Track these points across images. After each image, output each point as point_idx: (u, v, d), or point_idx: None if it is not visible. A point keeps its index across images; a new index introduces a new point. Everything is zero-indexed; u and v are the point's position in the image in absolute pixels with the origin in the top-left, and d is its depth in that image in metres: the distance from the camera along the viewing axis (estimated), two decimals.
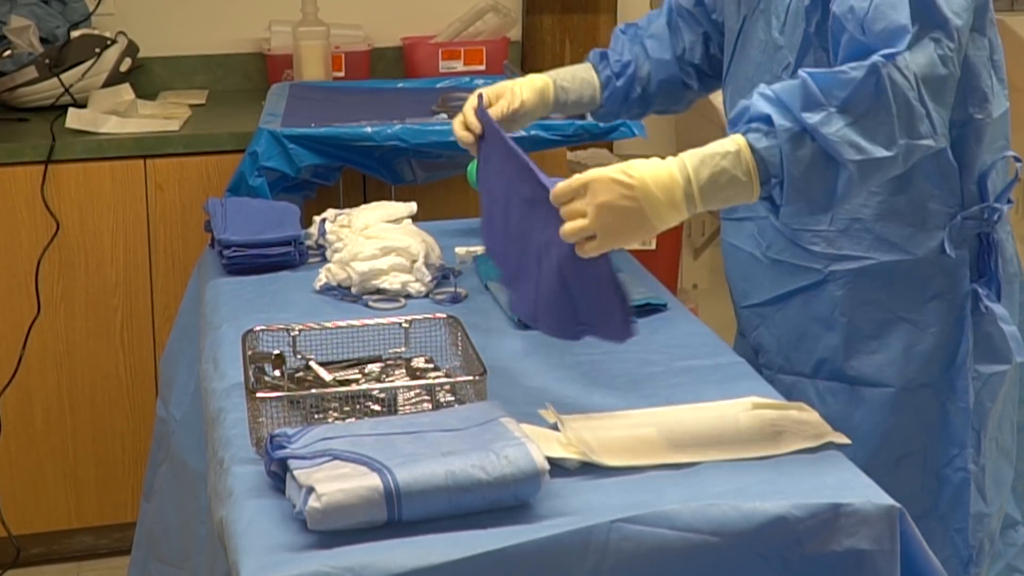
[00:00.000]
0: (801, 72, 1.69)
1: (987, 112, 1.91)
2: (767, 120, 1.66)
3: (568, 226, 1.65)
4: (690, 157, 1.65)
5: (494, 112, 2.03)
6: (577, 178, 1.66)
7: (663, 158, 1.66)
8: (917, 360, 1.95)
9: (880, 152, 1.67)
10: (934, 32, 1.71)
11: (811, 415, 1.78)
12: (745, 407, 1.79)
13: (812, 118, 1.65)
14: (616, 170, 1.65)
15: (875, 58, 1.68)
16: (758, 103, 1.68)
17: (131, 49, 3.42)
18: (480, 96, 2.03)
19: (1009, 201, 1.95)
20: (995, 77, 1.91)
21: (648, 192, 1.63)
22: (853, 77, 1.67)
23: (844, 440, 1.73)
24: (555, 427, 1.72)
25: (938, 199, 1.92)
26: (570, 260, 1.70)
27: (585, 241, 1.65)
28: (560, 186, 1.67)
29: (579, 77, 2.19)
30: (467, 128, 1.99)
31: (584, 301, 1.73)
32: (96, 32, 3.42)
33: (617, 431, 1.73)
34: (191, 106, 3.42)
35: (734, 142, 1.66)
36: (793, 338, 2.02)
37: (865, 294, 1.96)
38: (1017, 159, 1.97)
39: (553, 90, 2.15)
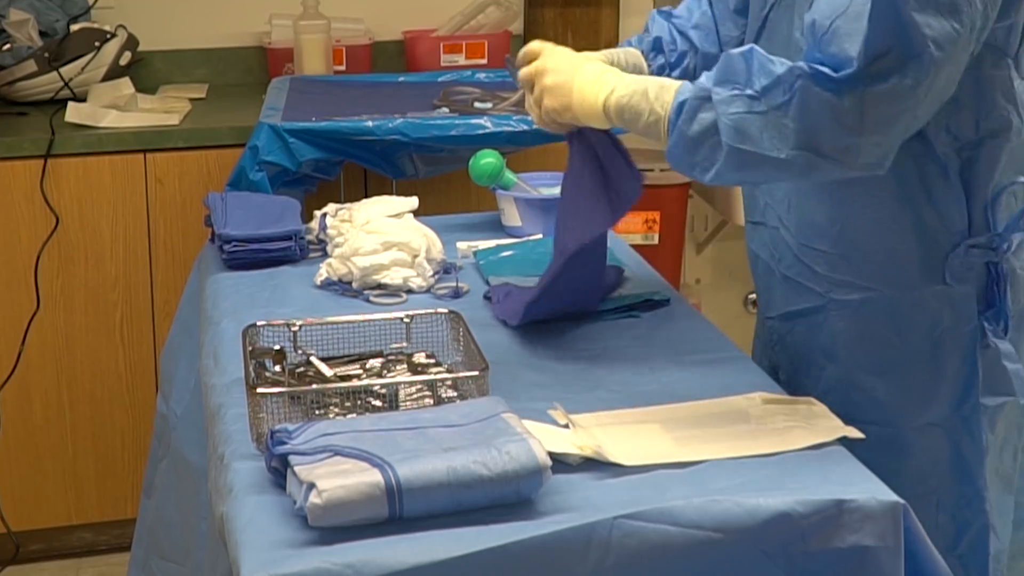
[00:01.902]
0: (749, 47, 1.72)
1: (1004, 136, 1.79)
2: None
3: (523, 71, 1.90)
4: (621, 84, 1.82)
5: None
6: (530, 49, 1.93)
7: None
8: (924, 399, 1.85)
9: (769, 152, 1.68)
10: (904, 60, 1.62)
11: (821, 409, 1.77)
12: (754, 402, 1.78)
13: (720, 93, 1.71)
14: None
15: (804, 65, 1.66)
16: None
17: (131, 43, 3.42)
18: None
19: (1022, 229, 1.82)
20: (1018, 100, 1.79)
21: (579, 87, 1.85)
22: (775, 72, 1.68)
23: (857, 435, 1.71)
24: (566, 427, 1.71)
25: (942, 224, 1.81)
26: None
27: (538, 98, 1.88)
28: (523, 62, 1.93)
29: (631, 64, 2.07)
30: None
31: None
32: (96, 26, 3.42)
33: (628, 429, 1.72)
34: (191, 100, 3.41)
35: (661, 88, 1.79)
36: (802, 364, 1.95)
37: (868, 328, 1.87)
38: None
39: None
